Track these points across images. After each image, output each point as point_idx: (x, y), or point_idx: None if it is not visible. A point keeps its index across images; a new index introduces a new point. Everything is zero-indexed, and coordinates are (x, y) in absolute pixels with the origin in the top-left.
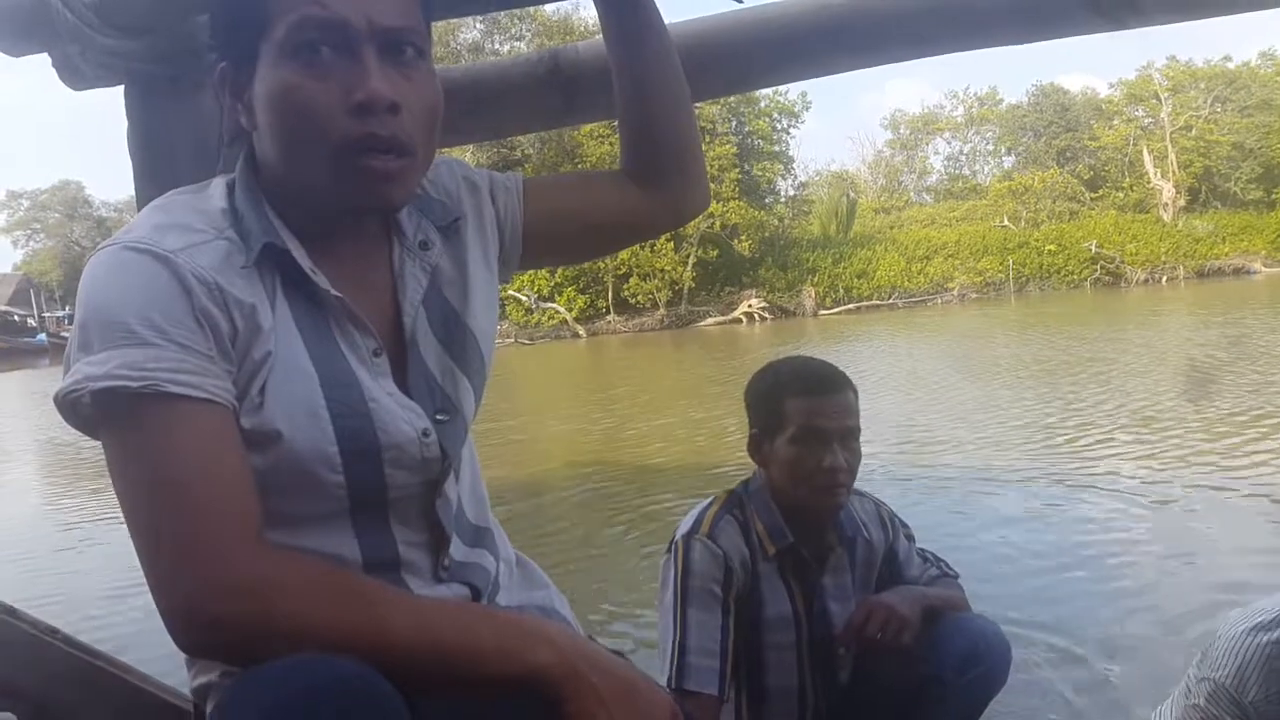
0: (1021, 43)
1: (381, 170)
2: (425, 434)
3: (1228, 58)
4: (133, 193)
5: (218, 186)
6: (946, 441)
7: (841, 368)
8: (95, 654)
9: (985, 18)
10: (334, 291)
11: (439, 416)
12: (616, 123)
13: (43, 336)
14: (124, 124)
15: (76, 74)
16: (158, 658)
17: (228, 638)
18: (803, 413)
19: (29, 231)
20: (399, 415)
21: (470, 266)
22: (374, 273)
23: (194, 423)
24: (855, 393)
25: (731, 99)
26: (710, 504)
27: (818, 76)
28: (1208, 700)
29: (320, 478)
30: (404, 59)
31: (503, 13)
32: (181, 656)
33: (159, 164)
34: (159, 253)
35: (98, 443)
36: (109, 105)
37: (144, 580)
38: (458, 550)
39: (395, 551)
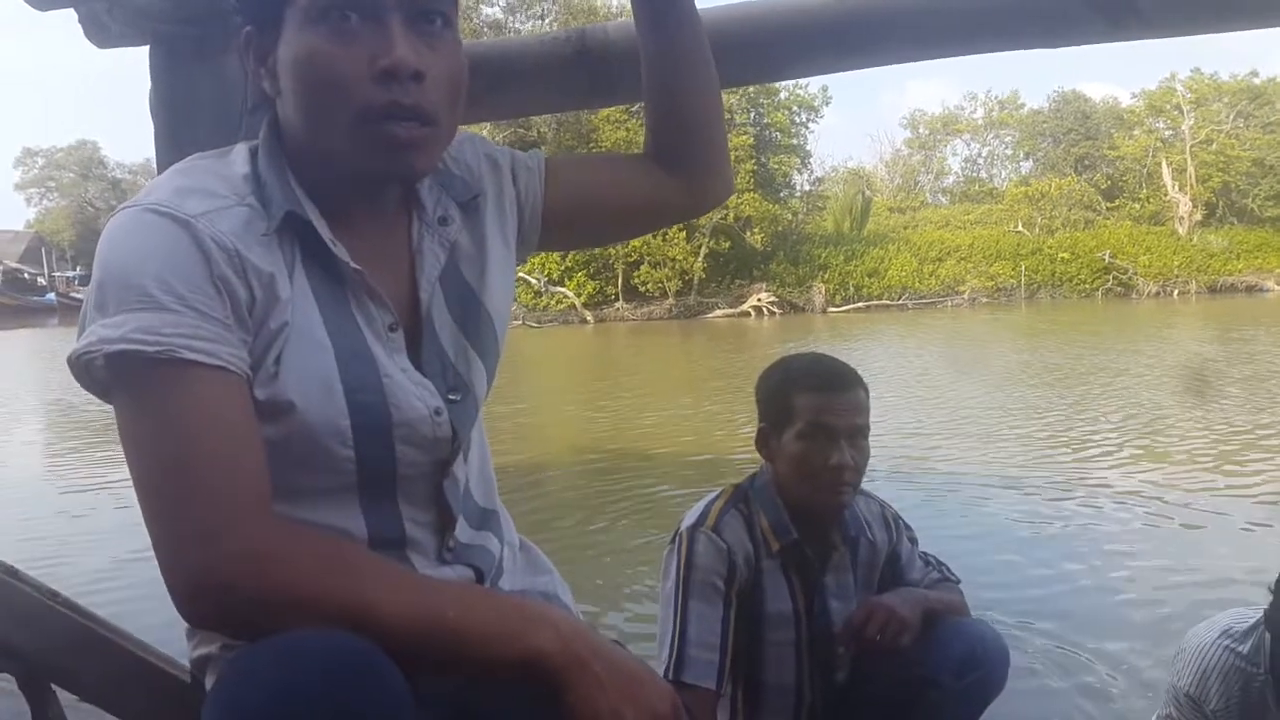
0: (1037, 47)
1: (405, 137)
2: (437, 412)
3: (1254, 73)
4: (149, 155)
5: (240, 152)
6: (954, 445)
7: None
8: (95, 619)
9: (1000, 21)
10: (353, 264)
11: (451, 396)
12: (639, 106)
13: (52, 295)
14: (146, 85)
15: (103, 31)
16: (156, 626)
17: (232, 608)
18: (812, 409)
19: (43, 189)
20: (412, 392)
21: (489, 244)
22: (393, 247)
23: (208, 390)
24: (866, 391)
25: (751, 89)
26: (716, 497)
27: (833, 72)
28: (1177, 709)
29: (331, 451)
30: (432, 29)
31: None
32: (181, 627)
33: (181, 126)
34: (179, 216)
35: (108, 405)
36: (131, 66)
37: (146, 548)
38: (463, 532)
39: (401, 530)
